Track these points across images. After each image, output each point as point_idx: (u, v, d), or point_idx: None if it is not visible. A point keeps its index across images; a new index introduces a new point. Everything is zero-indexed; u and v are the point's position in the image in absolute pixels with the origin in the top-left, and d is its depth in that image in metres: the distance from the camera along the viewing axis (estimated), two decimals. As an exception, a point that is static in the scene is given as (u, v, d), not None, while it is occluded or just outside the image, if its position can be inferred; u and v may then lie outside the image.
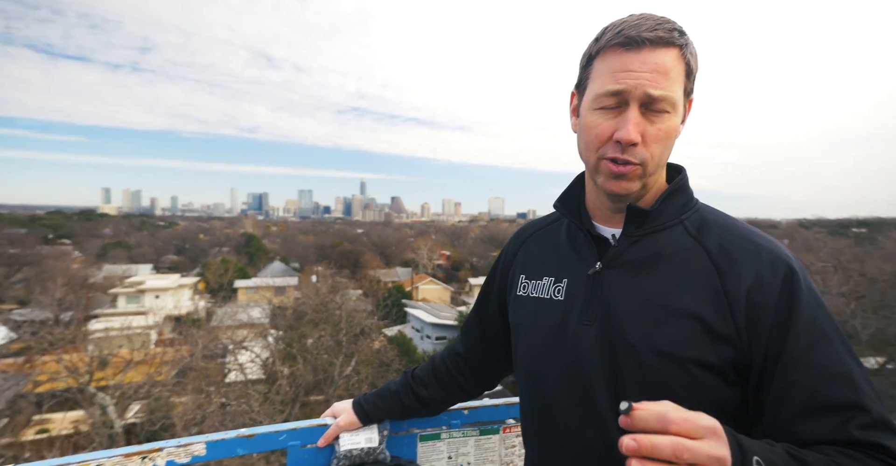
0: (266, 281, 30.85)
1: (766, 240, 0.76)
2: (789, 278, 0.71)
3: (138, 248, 48.84)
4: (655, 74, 0.71)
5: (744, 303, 0.70)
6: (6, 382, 13.48)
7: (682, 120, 0.79)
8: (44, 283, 21.71)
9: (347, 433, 1.13)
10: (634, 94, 0.72)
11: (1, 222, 58.51)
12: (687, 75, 0.75)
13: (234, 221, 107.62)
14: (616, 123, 0.74)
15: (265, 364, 14.37)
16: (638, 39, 0.71)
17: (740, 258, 0.73)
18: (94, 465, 0.98)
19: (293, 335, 15.20)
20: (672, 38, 0.72)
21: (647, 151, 0.74)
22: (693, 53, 0.75)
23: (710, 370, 0.71)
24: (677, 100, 0.74)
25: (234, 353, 14.52)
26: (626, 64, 0.72)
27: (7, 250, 35.08)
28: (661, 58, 0.72)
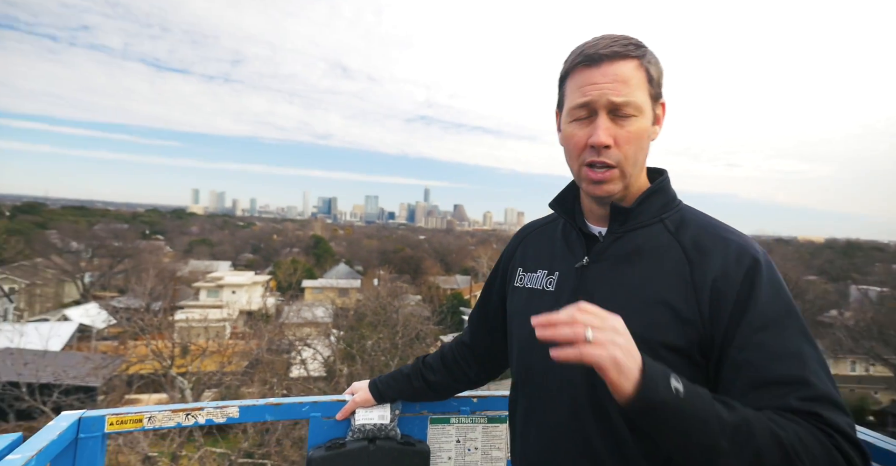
0: (331, 282, 32.28)
1: (736, 236, 0.83)
2: (752, 268, 0.77)
3: (220, 245, 52.96)
4: (616, 84, 0.80)
5: (709, 291, 0.77)
6: (104, 361, 15.05)
7: (657, 122, 0.87)
8: (139, 274, 24.08)
9: (362, 409, 1.22)
10: (600, 102, 0.80)
11: (108, 218, 65.87)
12: (649, 81, 0.83)
13: (304, 223, 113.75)
14: (589, 131, 0.82)
15: (326, 362, 15.00)
16: (596, 56, 0.80)
17: (710, 252, 0.80)
18: (147, 417, 1.14)
19: (353, 335, 15.75)
20: (627, 52, 0.81)
21: (621, 152, 0.82)
22: (652, 62, 0.83)
23: (677, 352, 0.78)
24: (641, 104, 0.82)
25: (298, 349, 15.29)
26: (589, 78, 0.81)
27: (112, 243, 39.37)
28: (619, 69, 0.80)
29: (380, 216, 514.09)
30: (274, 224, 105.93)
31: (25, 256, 32.30)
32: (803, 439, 0.64)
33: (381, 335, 14.77)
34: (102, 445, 1.11)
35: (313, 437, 1.22)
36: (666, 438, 0.64)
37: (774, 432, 0.63)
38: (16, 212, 64.38)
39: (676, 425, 0.62)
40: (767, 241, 62.93)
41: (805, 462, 0.62)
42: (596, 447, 0.80)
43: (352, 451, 1.17)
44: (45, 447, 0.94)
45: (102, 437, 1.10)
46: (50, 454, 0.96)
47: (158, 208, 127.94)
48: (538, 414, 0.90)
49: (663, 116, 0.89)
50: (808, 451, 0.63)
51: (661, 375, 0.63)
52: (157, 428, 1.16)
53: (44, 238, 40.24)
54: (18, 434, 0.98)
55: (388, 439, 1.21)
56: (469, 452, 1.30)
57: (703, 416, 0.62)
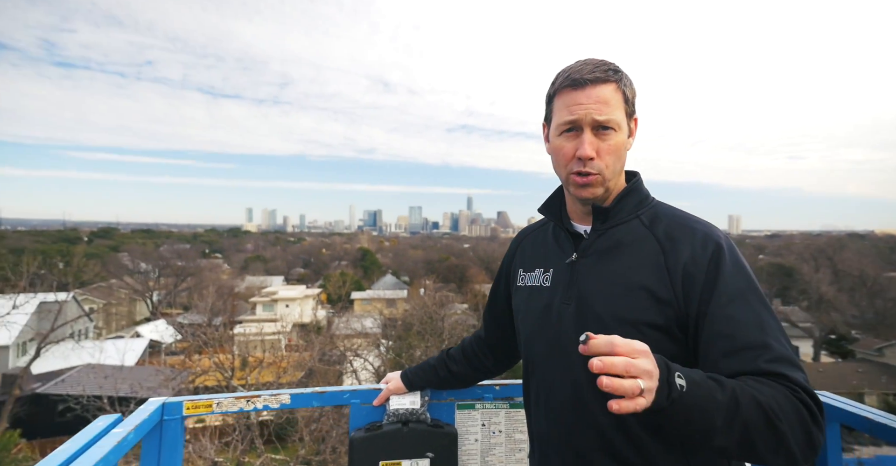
0: (378, 293, 32.95)
1: (702, 225, 0.95)
2: (716, 252, 0.89)
3: (273, 261, 55.29)
4: (599, 104, 0.93)
5: (681, 274, 0.89)
6: (173, 374, 16.05)
7: (631, 135, 1.00)
8: (200, 291, 25.61)
9: (396, 396, 1.38)
10: (585, 120, 0.93)
11: (172, 239, 70.37)
12: (625, 102, 0.96)
13: (351, 236, 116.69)
14: (576, 145, 0.96)
15: (377, 372, 15.33)
16: (581, 81, 0.93)
17: (679, 240, 0.93)
18: (216, 403, 1.35)
19: (402, 345, 16.03)
20: (608, 77, 0.94)
21: (602, 162, 0.95)
22: (627, 85, 0.96)
23: (658, 329, 0.89)
24: (620, 121, 0.95)
25: (349, 359, 15.73)
26: (575, 99, 0.94)
27: (176, 262, 42.04)
28: (601, 92, 0.93)
29: (424, 227, 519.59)
30: (322, 239, 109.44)
31: (102, 278, 35.05)
32: (777, 399, 0.73)
33: (429, 343, 14.96)
34: (182, 426, 1.32)
35: (354, 421, 1.39)
36: (672, 427, 0.70)
37: (756, 398, 0.72)
38: (93, 237, 70.18)
39: (681, 417, 0.68)
40: (838, 236, 58.03)
41: (782, 420, 0.71)
42: (599, 420, 0.91)
43: (388, 432, 1.33)
44: (139, 425, 1.16)
45: (181, 420, 1.32)
46: (142, 431, 1.18)
47: (216, 228, 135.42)
48: (546, 396, 1.01)
49: (636, 130, 1.02)
50: (782, 409, 0.72)
51: (666, 378, 0.68)
52: (224, 412, 1.36)
53: (117, 261, 43.55)
54: (118, 415, 1.20)
55: (420, 422, 1.36)
56: (494, 434, 1.42)
57: (702, 404, 0.69)
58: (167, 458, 1.26)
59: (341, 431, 11.04)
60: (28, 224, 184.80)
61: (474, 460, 1.42)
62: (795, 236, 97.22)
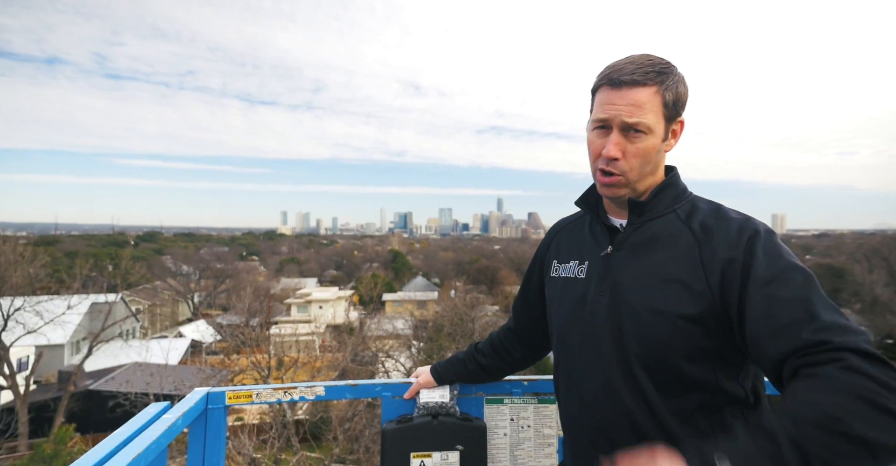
0: (409, 295, 33.27)
1: (739, 216, 0.95)
2: (752, 238, 0.88)
3: (306, 263, 56.61)
4: (631, 107, 0.93)
5: (718, 265, 0.88)
6: (213, 373, 16.64)
7: (673, 136, 1.00)
8: (238, 293, 26.47)
9: (426, 389, 1.41)
10: (615, 121, 0.94)
11: (211, 242, 73.08)
12: (664, 105, 0.95)
13: (382, 239, 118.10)
14: (604, 142, 0.97)
15: (408, 373, 15.48)
16: (618, 81, 0.94)
17: (714, 231, 0.93)
18: (255, 393, 1.42)
19: (433, 346, 16.13)
20: (647, 80, 0.93)
21: (627, 164, 0.96)
22: (670, 87, 0.94)
23: (691, 321, 0.89)
24: (652, 125, 0.94)
25: (381, 360, 15.94)
26: (609, 98, 0.95)
27: (216, 265, 43.65)
28: (636, 95, 0.93)
29: (454, 228, 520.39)
30: (354, 241, 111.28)
31: (147, 280, 36.73)
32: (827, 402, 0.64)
33: (460, 345, 15.00)
34: (225, 415, 1.39)
35: (386, 413, 1.44)
36: None
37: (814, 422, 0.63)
38: (139, 241, 73.70)
39: None
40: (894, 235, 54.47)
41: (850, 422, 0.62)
42: (629, 407, 0.93)
43: (418, 425, 1.37)
44: (186, 412, 1.23)
45: (224, 408, 1.39)
46: (189, 418, 1.25)
47: (252, 231, 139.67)
48: (578, 385, 1.03)
49: (680, 132, 1.01)
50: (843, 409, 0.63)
51: None
52: (264, 403, 1.43)
53: (161, 263, 45.58)
54: (168, 403, 1.28)
55: (449, 415, 1.39)
56: (522, 429, 1.44)
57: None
58: (212, 444, 1.34)
59: (374, 431, 11.20)
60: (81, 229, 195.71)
61: (503, 454, 1.44)
62: (846, 235, 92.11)
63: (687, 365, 0.90)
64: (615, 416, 0.95)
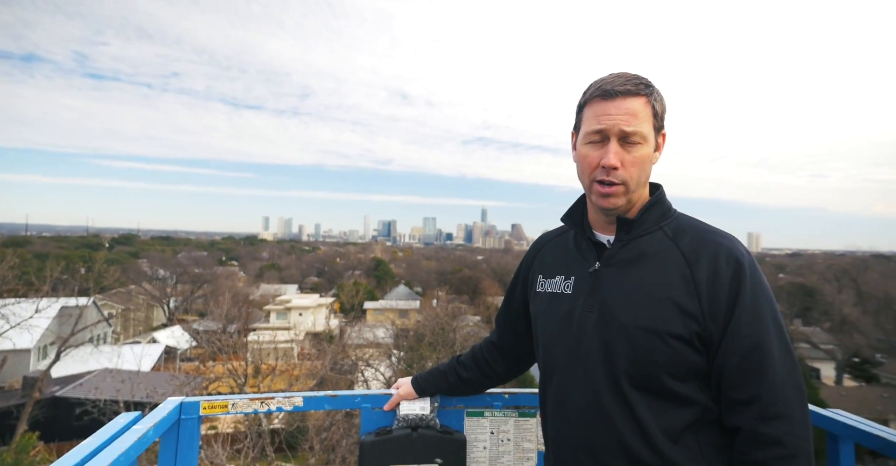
0: (391, 304, 32.95)
1: (726, 239, 0.96)
2: (738, 270, 0.92)
3: (287, 270, 55.81)
4: (627, 116, 0.95)
5: (705, 289, 0.92)
6: (187, 380, 16.21)
7: (658, 149, 1.03)
8: (216, 298, 25.92)
9: (406, 401, 1.40)
10: (613, 131, 0.96)
11: (189, 246, 71.66)
12: (654, 116, 0.98)
13: (365, 246, 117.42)
14: (602, 154, 0.98)
15: (387, 382, 15.29)
16: (612, 92, 0.96)
17: (704, 254, 0.94)
18: (231, 403, 1.39)
19: (413, 356, 15.99)
20: (638, 90, 0.97)
21: (627, 173, 0.97)
22: (657, 100, 0.99)
23: (682, 340, 0.91)
24: (647, 134, 0.97)
25: (361, 369, 15.72)
26: (605, 110, 0.97)
27: (193, 269, 42.70)
28: (630, 104, 0.96)
29: (437, 238, 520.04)
30: (337, 248, 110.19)
31: (121, 283, 35.72)
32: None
33: (441, 354, 14.89)
34: (198, 426, 1.35)
35: (365, 425, 1.42)
36: None
37: None
38: (114, 243, 71.82)
39: None
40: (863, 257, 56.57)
41: None
42: (619, 426, 0.93)
43: (397, 437, 1.35)
44: (158, 422, 1.20)
45: (198, 419, 1.35)
46: (160, 429, 1.22)
47: (233, 236, 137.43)
48: (564, 402, 1.02)
49: (663, 145, 1.05)
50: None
51: None
52: (240, 413, 1.40)
53: (136, 267, 44.41)
54: (139, 413, 1.24)
55: (429, 428, 1.37)
56: (502, 443, 1.43)
57: None
58: (184, 456, 1.30)
59: (352, 441, 11.00)
60: (53, 230, 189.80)
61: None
62: (818, 255, 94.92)
63: (677, 384, 0.91)
64: (604, 435, 0.94)
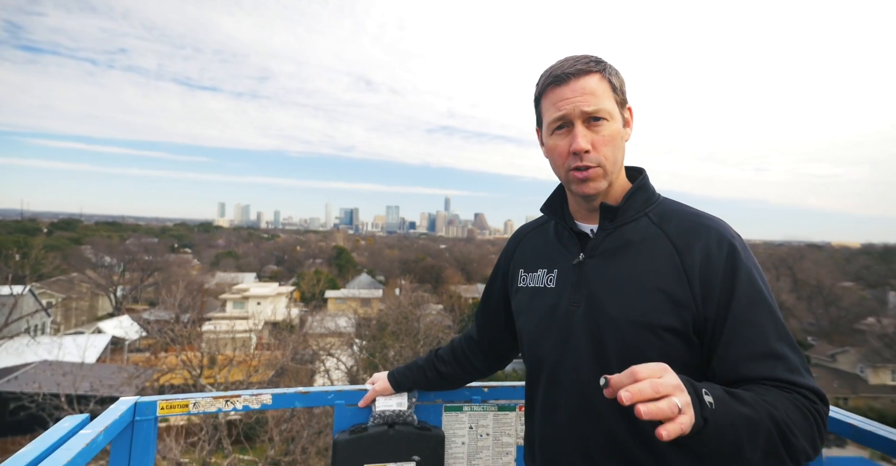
0: (353, 293, 32.63)
1: (714, 222, 0.92)
2: (731, 253, 0.87)
3: (245, 258, 54.17)
4: (585, 96, 0.91)
5: (698, 275, 0.87)
6: (137, 372, 15.52)
7: (626, 124, 0.98)
8: (169, 287, 24.81)
9: (382, 397, 1.34)
10: (574, 113, 0.91)
11: (139, 232, 68.17)
12: (613, 90, 0.94)
13: (327, 234, 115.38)
14: (570, 140, 0.93)
15: (349, 372, 15.17)
16: (563, 76, 0.92)
17: (694, 239, 0.90)
18: (192, 402, 1.29)
19: (376, 345, 15.91)
20: (589, 68, 0.92)
21: (600, 154, 0.92)
22: (612, 73, 0.94)
23: (675, 334, 0.86)
24: (610, 110, 0.92)
25: (322, 359, 15.51)
26: (561, 95, 0.92)
27: (143, 257, 40.69)
28: (586, 83, 0.91)
29: (401, 226, 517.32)
30: (297, 236, 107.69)
31: (62, 271, 33.59)
32: (791, 413, 0.75)
33: (404, 344, 14.89)
34: (155, 427, 1.25)
35: (338, 423, 1.35)
36: (706, 449, 0.70)
37: (772, 414, 0.73)
38: (53, 228, 67.29)
39: (716, 436, 0.68)
40: (798, 247, 60.81)
41: (797, 435, 0.74)
42: (613, 426, 0.88)
43: (373, 435, 1.29)
44: (109, 425, 1.09)
45: (155, 420, 1.25)
46: (112, 432, 1.11)
47: (186, 222, 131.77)
48: (553, 401, 0.97)
49: (632, 119, 0.99)
50: (797, 424, 0.75)
51: (696, 397, 0.68)
52: (202, 413, 1.30)
53: (79, 254, 41.85)
54: (86, 415, 1.13)
55: (406, 424, 1.32)
56: (481, 437, 1.40)
57: (732, 421, 0.69)
58: (138, 461, 1.19)
59: (312, 431, 10.86)
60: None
61: (461, 463, 1.39)
62: (759, 245, 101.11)
63: None
64: (597, 436, 0.90)
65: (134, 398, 1.26)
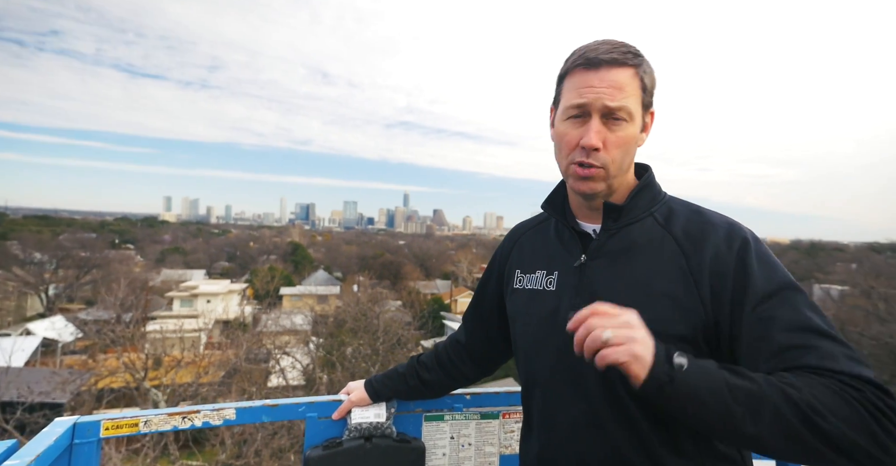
0: (310, 289, 31.81)
1: (722, 220, 0.87)
2: (742, 248, 0.81)
3: (193, 254, 51.68)
4: (612, 89, 0.83)
5: (707, 276, 0.81)
6: (72, 376, 14.48)
7: (645, 130, 0.91)
8: (109, 285, 23.24)
9: (359, 408, 1.25)
10: (595, 106, 0.84)
11: (75, 227, 63.65)
12: (643, 90, 0.87)
13: (282, 230, 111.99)
14: (581, 132, 0.85)
15: (305, 370, 14.78)
16: (596, 61, 0.84)
17: (701, 239, 0.84)
18: (143, 421, 1.15)
19: (333, 342, 15.58)
20: (626, 60, 0.84)
21: (609, 155, 0.85)
22: (647, 72, 0.87)
23: (684, 341, 0.80)
24: (633, 111, 0.85)
25: (277, 358, 15.03)
26: (587, 81, 0.84)
27: (79, 253, 37.95)
28: (617, 75, 0.84)
29: (359, 222, 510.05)
30: (250, 231, 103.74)
31: (-16, 268, 30.85)
32: (818, 393, 0.65)
33: (362, 341, 14.65)
34: (97, 450, 1.10)
35: (310, 437, 1.24)
36: (682, 413, 0.67)
37: (786, 392, 0.65)
38: (-26, 222, 61.61)
39: (687, 397, 0.65)
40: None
41: (826, 417, 0.63)
42: (616, 439, 0.83)
43: (349, 450, 1.20)
44: (42, 453, 0.94)
45: (97, 442, 1.10)
46: (46, 460, 0.96)
47: (129, 217, 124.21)
48: (553, 413, 0.91)
49: (651, 125, 0.93)
50: (826, 405, 0.64)
51: (664, 354, 0.68)
52: (154, 432, 1.16)
53: (4, 249, 38.53)
54: (14, 441, 0.97)
55: (384, 437, 1.23)
56: (463, 448, 1.33)
57: (710, 385, 0.65)
58: (79, 491, 1.05)
59: (266, 433, 10.49)
60: None
61: (440, 474, 1.32)
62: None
63: None
64: (599, 449, 0.84)
65: (72, 418, 1.11)
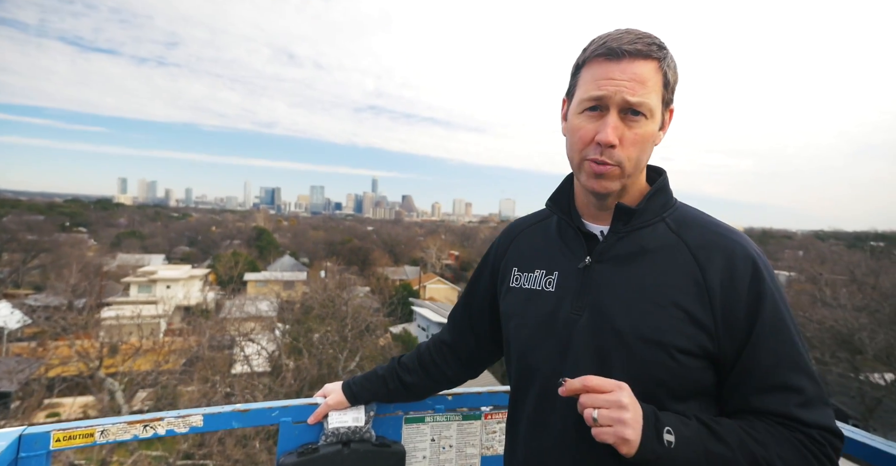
0: (275, 275, 31.18)
1: (739, 237, 0.84)
2: (756, 274, 0.79)
3: (152, 238, 49.62)
4: (633, 83, 0.78)
5: (719, 297, 0.78)
6: (20, 365, 13.79)
7: (663, 128, 0.86)
8: (59, 270, 22.10)
9: (336, 412, 1.19)
10: (614, 99, 0.79)
11: (20, 209, 59.87)
12: (664, 86, 0.82)
13: (246, 214, 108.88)
14: (597, 127, 0.81)
15: (271, 357, 14.53)
16: (619, 51, 0.78)
17: (716, 254, 0.81)
18: (99, 431, 1.05)
19: (300, 329, 15.35)
20: (650, 52, 0.79)
21: (624, 153, 0.81)
22: (671, 67, 0.82)
23: (691, 355, 0.78)
24: (654, 107, 0.81)
25: (241, 345, 14.71)
26: (607, 72, 0.79)
27: (25, 236, 35.84)
28: (639, 68, 0.79)
29: (326, 207, 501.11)
30: (212, 216, 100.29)
31: (-81, 251, 28.72)
32: (783, 454, 0.73)
33: (330, 327, 14.49)
34: (47, 464, 1.01)
35: (283, 443, 1.18)
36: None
37: (755, 455, 0.72)
38: None
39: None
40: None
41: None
42: (606, 446, 0.79)
43: (325, 456, 1.14)
44: (-18, 471, 0.85)
45: (47, 455, 1.01)
46: (-13, 479, 0.87)
47: (80, 198, 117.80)
48: (546, 419, 0.88)
49: (669, 123, 0.88)
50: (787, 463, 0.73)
51: (654, 432, 0.71)
52: (111, 442, 1.07)
53: (-59, 231, 35.94)
54: (-52, 460, 0.87)
55: (363, 441, 1.18)
56: (443, 450, 1.30)
57: (692, 457, 0.71)
58: (26, 511, 0.96)
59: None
60: None
61: (420, 477, 1.28)
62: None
63: (675, 403, 0.79)
64: (592, 458, 0.82)
65: (17, 429, 1.01)
